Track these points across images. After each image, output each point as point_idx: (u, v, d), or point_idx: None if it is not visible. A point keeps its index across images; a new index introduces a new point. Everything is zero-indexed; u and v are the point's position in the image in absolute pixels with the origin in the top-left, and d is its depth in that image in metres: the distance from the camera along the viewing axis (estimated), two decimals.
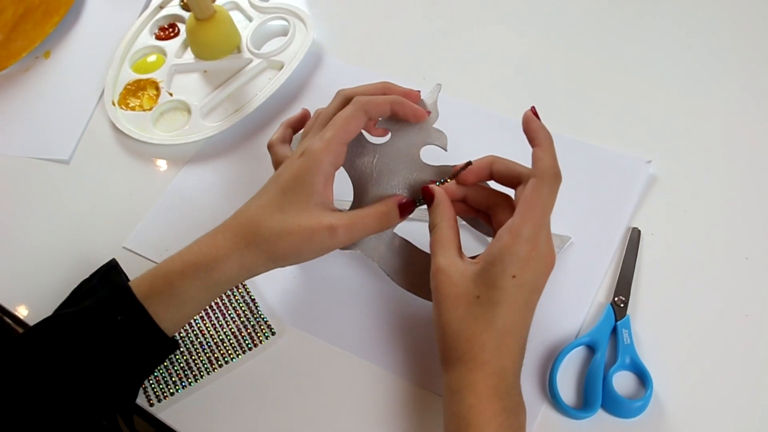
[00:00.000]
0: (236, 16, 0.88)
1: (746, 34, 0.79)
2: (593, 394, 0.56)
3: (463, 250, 0.54)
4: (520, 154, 0.56)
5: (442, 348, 0.52)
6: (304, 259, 0.56)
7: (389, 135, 0.60)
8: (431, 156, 0.59)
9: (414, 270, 0.60)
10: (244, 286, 0.67)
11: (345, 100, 0.59)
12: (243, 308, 0.66)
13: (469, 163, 0.57)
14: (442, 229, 0.55)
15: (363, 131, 0.59)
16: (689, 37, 0.79)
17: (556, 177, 0.52)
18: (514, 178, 0.55)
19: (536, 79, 0.78)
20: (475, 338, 0.50)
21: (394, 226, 0.59)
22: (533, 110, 0.55)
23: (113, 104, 0.83)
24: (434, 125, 0.60)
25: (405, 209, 0.58)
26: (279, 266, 0.56)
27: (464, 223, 0.62)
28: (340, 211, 0.56)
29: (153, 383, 0.63)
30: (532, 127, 0.54)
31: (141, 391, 0.62)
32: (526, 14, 0.84)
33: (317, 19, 0.87)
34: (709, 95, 0.74)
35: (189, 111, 0.81)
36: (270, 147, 0.63)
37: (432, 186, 0.57)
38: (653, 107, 0.74)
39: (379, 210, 0.57)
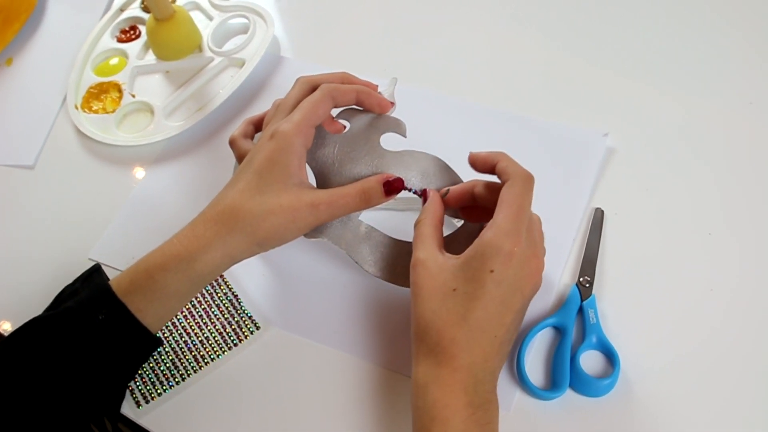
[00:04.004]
0: (196, 16, 0.87)
1: (706, 4, 0.79)
2: (561, 375, 0.56)
3: None
4: (481, 138, 0.56)
5: (415, 340, 0.52)
6: (287, 239, 0.56)
7: (346, 129, 0.60)
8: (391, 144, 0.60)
9: (381, 256, 0.60)
10: (226, 282, 0.66)
11: (307, 86, 0.59)
12: (226, 305, 0.65)
13: (447, 191, 0.58)
14: (425, 225, 0.55)
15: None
16: (641, 14, 0.80)
17: (527, 176, 0.53)
18: (494, 195, 0.54)
19: (491, 64, 0.78)
20: (445, 331, 0.49)
21: (376, 205, 0.58)
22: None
23: (76, 108, 0.82)
24: (392, 114, 0.61)
25: (392, 187, 0.57)
26: (262, 250, 0.56)
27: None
28: (318, 189, 0.56)
29: (140, 384, 0.62)
30: (482, 156, 0.56)
31: (128, 393, 0.62)
32: (482, 3, 0.84)
33: (277, 15, 0.87)
34: (661, 69, 0.74)
35: (152, 112, 0.81)
36: (232, 142, 0.63)
37: (430, 189, 0.58)
38: (607, 83, 0.74)
39: (360, 187, 0.57)
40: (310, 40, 0.86)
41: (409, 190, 0.58)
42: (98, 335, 0.54)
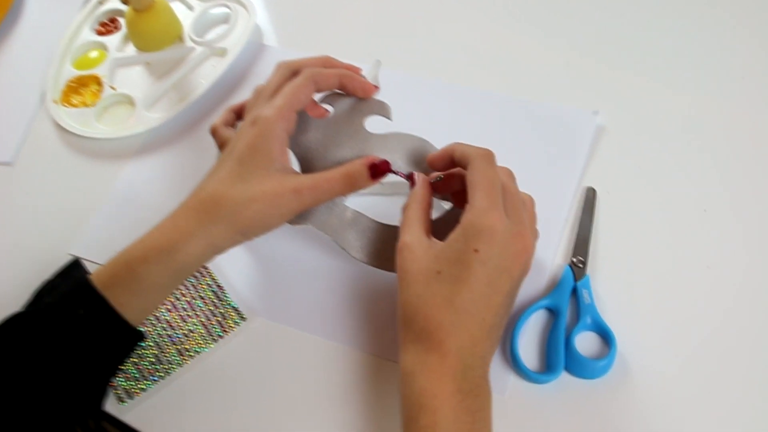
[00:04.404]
0: (176, 7, 0.85)
1: None
2: (555, 357, 0.55)
3: None
4: (469, 120, 0.54)
5: (401, 326, 0.50)
6: (271, 226, 0.55)
7: (330, 114, 0.59)
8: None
9: (368, 241, 0.59)
10: (209, 273, 0.65)
11: (288, 71, 0.58)
12: (210, 296, 0.64)
13: (440, 177, 0.56)
14: (413, 210, 0.53)
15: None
16: None
17: (485, 153, 0.52)
18: None
19: (478, 46, 0.77)
20: (431, 315, 0.48)
21: (362, 188, 0.56)
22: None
23: (55, 102, 0.81)
24: (377, 97, 0.59)
25: (378, 170, 0.55)
26: (246, 239, 0.55)
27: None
28: (301, 174, 0.55)
29: (122, 380, 0.61)
30: (437, 155, 0.56)
31: (111, 391, 0.60)
32: None
33: (260, 2, 0.86)
34: (650, 46, 0.73)
35: (133, 104, 0.79)
36: (213, 131, 0.61)
37: (418, 173, 0.56)
38: (595, 62, 0.73)
39: (345, 170, 0.55)
40: (293, 28, 0.84)
41: (396, 173, 0.57)
42: (79, 330, 0.52)
